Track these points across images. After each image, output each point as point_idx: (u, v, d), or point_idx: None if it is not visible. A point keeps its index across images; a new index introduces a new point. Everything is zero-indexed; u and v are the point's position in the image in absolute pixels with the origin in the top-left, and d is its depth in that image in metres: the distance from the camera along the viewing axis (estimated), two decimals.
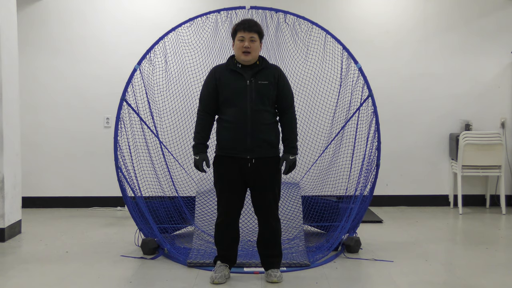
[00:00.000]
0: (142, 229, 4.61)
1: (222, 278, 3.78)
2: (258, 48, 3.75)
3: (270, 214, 3.82)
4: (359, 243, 4.56)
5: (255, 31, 3.71)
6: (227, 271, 3.85)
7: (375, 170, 4.63)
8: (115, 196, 6.14)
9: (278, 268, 3.86)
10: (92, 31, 6.51)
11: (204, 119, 3.83)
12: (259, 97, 3.69)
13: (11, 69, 5.12)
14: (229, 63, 3.80)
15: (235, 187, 3.77)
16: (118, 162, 4.52)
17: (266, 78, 3.73)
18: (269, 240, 3.85)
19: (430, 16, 6.59)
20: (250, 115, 3.67)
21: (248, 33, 3.69)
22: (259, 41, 3.75)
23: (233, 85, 3.72)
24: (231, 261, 3.89)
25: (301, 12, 5.02)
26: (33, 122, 6.49)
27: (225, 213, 3.81)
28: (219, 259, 3.90)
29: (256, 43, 3.71)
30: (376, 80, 6.19)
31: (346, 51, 4.76)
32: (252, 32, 3.70)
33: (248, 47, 3.67)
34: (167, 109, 5.39)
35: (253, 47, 3.69)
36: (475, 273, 4.04)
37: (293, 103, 3.84)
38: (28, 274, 4.00)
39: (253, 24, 3.74)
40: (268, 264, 3.86)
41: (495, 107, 6.59)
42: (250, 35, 3.69)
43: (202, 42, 5.23)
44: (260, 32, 3.76)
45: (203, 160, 3.83)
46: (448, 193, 6.64)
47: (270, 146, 3.75)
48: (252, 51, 3.68)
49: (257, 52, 3.73)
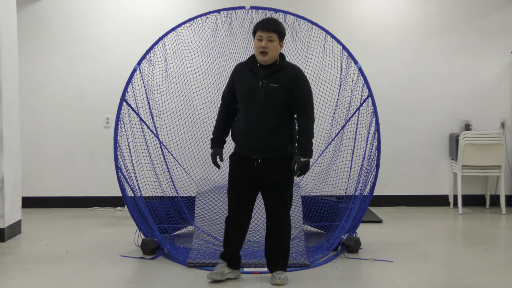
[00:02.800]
0: (142, 229, 4.61)
1: (217, 275, 3.75)
2: (277, 48, 3.67)
3: (278, 219, 3.76)
4: (359, 243, 4.56)
5: (273, 31, 3.65)
6: (226, 269, 3.82)
7: (375, 170, 4.63)
8: (115, 196, 6.13)
9: (283, 270, 3.80)
10: (92, 31, 6.51)
11: (222, 114, 3.88)
12: (267, 100, 3.66)
13: (11, 69, 5.11)
14: (249, 61, 3.80)
15: (242, 185, 3.77)
16: (118, 162, 4.52)
17: (279, 80, 3.67)
18: (274, 242, 3.81)
19: (430, 16, 6.58)
20: (255, 116, 3.66)
21: (266, 32, 3.64)
22: (279, 41, 3.68)
23: (246, 85, 3.73)
24: (230, 260, 3.85)
25: (301, 12, 5.02)
26: (33, 122, 6.49)
27: (231, 209, 3.82)
28: (221, 256, 3.88)
29: (274, 43, 3.65)
30: (376, 80, 6.19)
31: (346, 51, 4.76)
32: (270, 31, 3.64)
33: (265, 47, 3.62)
34: (167, 109, 5.39)
35: (270, 47, 3.63)
36: (475, 273, 4.04)
37: (308, 105, 3.73)
38: (28, 274, 4.00)
39: (272, 24, 3.69)
40: (272, 266, 3.82)
41: (495, 107, 6.59)
42: (268, 35, 3.63)
43: (202, 42, 5.23)
44: (279, 32, 3.68)
45: (216, 154, 3.88)
46: (448, 193, 6.64)
47: (275, 148, 3.70)
48: (269, 51, 3.63)
49: (275, 52, 3.67)
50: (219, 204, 4.96)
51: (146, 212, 4.60)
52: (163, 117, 5.35)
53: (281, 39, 3.72)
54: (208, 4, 6.16)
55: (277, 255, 3.81)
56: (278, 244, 3.81)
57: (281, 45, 3.73)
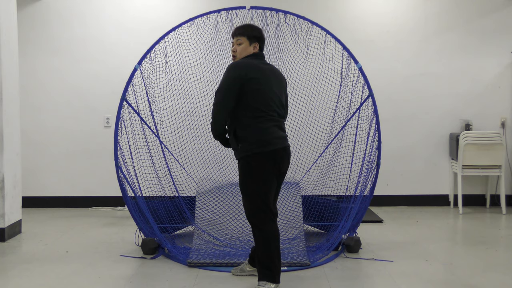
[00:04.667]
0: (142, 228, 4.61)
1: (236, 270, 3.95)
2: (246, 49, 3.70)
3: (248, 218, 3.61)
4: (359, 243, 4.56)
5: (240, 34, 3.71)
6: (248, 267, 3.91)
7: (375, 170, 4.63)
8: (115, 196, 6.15)
9: (262, 280, 3.53)
10: (92, 31, 6.51)
11: None
12: None
13: (11, 69, 5.12)
14: None
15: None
16: (118, 162, 4.52)
17: None
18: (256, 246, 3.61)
19: (430, 16, 6.59)
20: None
21: (235, 37, 3.75)
22: (249, 42, 3.70)
23: None
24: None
25: (301, 12, 5.03)
26: (33, 122, 6.49)
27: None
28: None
29: (242, 45, 3.70)
30: (377, 80, 6.20)
31: (346, 51, 4.76)
32: (236, 35, 3.73)
33: (234, 50, 3.73)
34: (167, 109, 5.39)
35: (239, 49, 3.71)
36: (475, 273, 4.04)
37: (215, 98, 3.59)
38: (28, 274, 4.00)
39: (239, 28, 3.75)
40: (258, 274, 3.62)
41: (495, 107, 6.59)
42: (236, 38, 3.73)
43: (203, 42, 5.23)
44: (246, 34, 3.70)
45: None
46: (448, 193, 6.65)
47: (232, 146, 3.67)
48: (237, 54, 3.72)
49: (243, 53, 3.70)
50: (219, 204, 4.96)
51: (146, 211, 4.60)
52: (163, 116, 5.36)
53: (253, 41, 3.70)
54: (209, 4, 6.17)
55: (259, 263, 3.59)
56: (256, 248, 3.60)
57: (255, 46, 3.71)
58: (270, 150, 3.50)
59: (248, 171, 3.52)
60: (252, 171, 3.51)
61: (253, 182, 3.51)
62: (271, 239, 3.51)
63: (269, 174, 3.52)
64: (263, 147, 3.49)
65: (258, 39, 3.73)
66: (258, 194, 3.51)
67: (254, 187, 3.51)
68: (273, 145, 3.51)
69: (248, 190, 3.53)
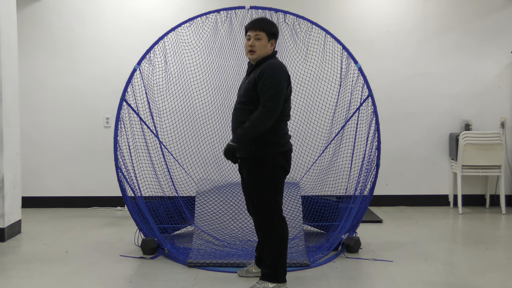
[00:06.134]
0: (142, 229, 4.61)
1: (242, 272, 3.93)
2: (265, 46, 3.59)
3: (256, 219, 3.61)
4: (359, 243, 4.56)
5: (261, 29, 3.57)
6: (254, 268, 3.90)
7: (375, 170, 4.63)
8: (115, 196, 6.14)
9: (263, 280, 3.56)
10: (92, 31, 6.51)
11: None
12: (240, 96, 3.62)
13: (11, 68, 5.12)
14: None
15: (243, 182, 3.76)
16: (118, 162, 4.52)
17: (252, 76, 3.56)
18: (264, 245, 3.67)
19: (430, 16, 6.59)
20: (233, 113, 3.66)
21: (254, 31, 3.58)
22: (268, 40, 3.59)
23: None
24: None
25: (301, 12, 5.02)
26: (33, 121, 6.49)
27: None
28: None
29: (262, 41, 3.58)
30: (376, 80, 6.20)
31: (346, 51, 4.76)
32: (257, 30, 3.57)
33: (252, 45, 3.58)
34: (167, 109, 5.39)
35: (257, 45, 3.57)
36: (475, 273, 4.04)
37: (267, 102, 3.41)
38: (28, 274, 4.00)
39: (259, 22, 3.61)
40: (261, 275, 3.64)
41: (495, 107, 6.59)
42: (255, 33, 3.58)
43: (202, 42, 5.23)
44: (267, 30, 3.59)
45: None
46: (448, 193, 6.64)
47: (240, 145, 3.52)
48: (257, 49, 3.57)
49: (263, 50, 3.59)
50: (219, 204, 4.96)
51: (146, 212, 4.60)
52: (163, 117, 5.36)
53: (271, 38, 3.62)
54: (208, 4, 6.16)
55: (264, 262, 3.62)
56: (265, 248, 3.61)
57: (272, 43, 3.63)
58: (284, 150, 3.55)
59: (261, 171, 3.51)
60: (267, 171, 3.50)
61: (268, 182, 3.51)
62: (283, 237, 3.54)
63: (282, 174, 3.58)
64: (279, 148, 3.53)
65: (275, 36, 3.66)
66: (272, 194, 3.52)
67: (269, 186, 3.51)
68: (287, 145, 3.59)
69: (261, 190, 3.52)
